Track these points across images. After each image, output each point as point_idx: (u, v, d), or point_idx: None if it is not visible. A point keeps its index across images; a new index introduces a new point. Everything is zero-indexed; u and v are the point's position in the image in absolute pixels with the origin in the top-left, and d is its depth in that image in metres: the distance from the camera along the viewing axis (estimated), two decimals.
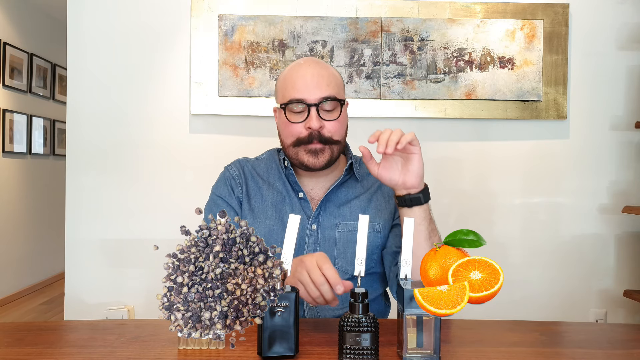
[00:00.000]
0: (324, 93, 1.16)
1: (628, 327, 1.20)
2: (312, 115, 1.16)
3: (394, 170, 1.10)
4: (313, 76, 1.17)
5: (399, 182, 1.10)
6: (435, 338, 0.82)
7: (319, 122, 1.16)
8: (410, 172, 1.08)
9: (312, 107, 1.16)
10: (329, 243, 1.22)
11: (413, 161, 1.08)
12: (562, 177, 2.29)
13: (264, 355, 0.84)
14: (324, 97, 1.16)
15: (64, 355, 0.87)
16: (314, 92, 1.16)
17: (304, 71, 1.18)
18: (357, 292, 0.83)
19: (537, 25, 2.23)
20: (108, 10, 2.23)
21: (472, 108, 2.23)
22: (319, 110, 1.17)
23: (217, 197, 1.27)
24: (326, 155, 1.19)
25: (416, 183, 1.09)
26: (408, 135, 1.05)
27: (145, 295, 2.23)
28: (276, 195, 1.25)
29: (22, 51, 4.30)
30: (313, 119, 1.15)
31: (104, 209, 2.24)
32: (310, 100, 1.16)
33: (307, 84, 1.16)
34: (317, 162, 1.18)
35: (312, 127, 1.16)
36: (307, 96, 1.16)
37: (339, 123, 1.19)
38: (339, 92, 1.20)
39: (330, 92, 1.17)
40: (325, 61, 1.84)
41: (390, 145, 1.03)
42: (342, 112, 1.19)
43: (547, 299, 2.28)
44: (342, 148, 1.25)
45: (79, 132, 2.24)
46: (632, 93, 2.30)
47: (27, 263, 4.39)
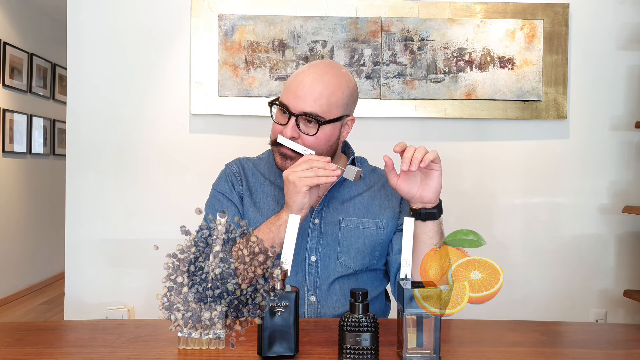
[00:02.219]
0: (306, 108, 1.15)
1: (628, 327, 1.21)
2: (289, 125, 1.17)
3: (412, 184, 1.11)
4: (306, 86, 1.16)
5: (416, 195, 1.11)
6: (435, 338, 0.82)
7: (293, 132, 1.17)
8: (429, 187, 1.10)
9: (292, 116, 1.17)
10: (332, 238, 1.22)
11: (433, 177, 1.10)
12: (562, 177, 2.29)
13: (264, 355, 0.84)
14: (305, 111, 1.16)
15: (64, 355, 0.87)
16: (298, 102, 1.16)
17: (304, 78, 1.17)
18: (357, 292, 0.83)
19: (537, 25, 2.23)
20: (108, 10, 2.23)
21: (472, 108, 2.23)
22: (299, 121, 1.17)
23: (218, 193, 1.28)
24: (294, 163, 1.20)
25: (433, 198, 1.11)
26: (431, 153, 1.07)
27: (145, 295, 2.23)
28: (278, 192, 1.26)
29: (22, 51, 4.30)
30: (288, 128, 1.17)
31: (104, 209, 2.24)
32: (292, 110, 1.16)
33: (297, 92, 1.16)
34: (284, 165, 1.20)
35: (284, 134, 1.17)
36: (291, 104, 1.17)
37: (316, 139, 1.18)
38: (329, 110, 1.17)
39: (314, 109, 1.15)
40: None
41: (415, 164, 1.05)
42: (318, 131, 1.17)
43: (547, 299, 2.28)
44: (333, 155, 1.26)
45: (79, 132, 2.24)
46: (632, 93, 2.30)
47: (27, 263, 4.39)
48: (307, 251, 1.21)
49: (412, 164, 1.04)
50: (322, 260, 1.21)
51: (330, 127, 1.19)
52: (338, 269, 1.21)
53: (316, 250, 1.21)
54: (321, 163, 1.09)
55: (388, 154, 1.13)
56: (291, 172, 1.10)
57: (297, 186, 1.09)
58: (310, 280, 1.20)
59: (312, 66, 1.20)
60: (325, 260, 1.21)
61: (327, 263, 1.21)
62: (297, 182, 1.09)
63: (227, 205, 1.25)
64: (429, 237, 1.11)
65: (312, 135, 1.17)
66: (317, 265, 1.20)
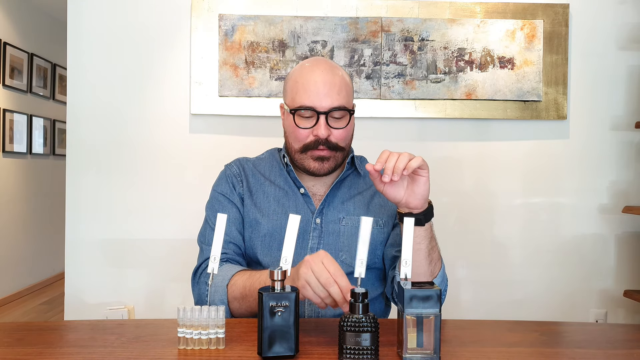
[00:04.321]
0: (334, 102, 1.16)
1: (628, 327, 1.21)
2: (321, 124, 1.16)
3: (399, 189, 1.09)
4: (325, 83, 1.17)
5: (402, 201, 1.09)
6: (435, 338, 0.82)
7: (327, 130, 1.17)
8: (415, 193, 1.07)
9: (321, 115, 1.16)
10: (333, 237, 1.23)
11: (419, 184, 1.06)
12: (562, 177, 2.29)
13: (264, 355, 0.84)
14: (334, 106, 1.16)
15: (64, 355, 0.87)
16: (324, 100, 1.16)
17: (317, 77, 1.17)
18: (357, 292, 0.83)
19: (537, 25, 2.23)
20: (108, 10, 2.23)
21: (472, 108, 2.23)
22: (328, 118, 1.17)
23: (218, 194, 1.28)
24: (331, 163, 1.21)
25: (419, 205, 1.08)
26: (415, 161, 1.03)
27: (145, 295, 2.23)
28: (279, 191, 1.26)
29: (22, 51, 4.30)
30: (321, 128, 1.16)
31: (104, 209, 2.24)
32: (320, 109, 1.16)
33: (318, 91, 1.16)
34: (322, 168, 1.20)
35: (319, 135, 1.17)
36: (318, 104, 1.16)
37: (347, 131, 1.20)
38: (349, 100, 1.20)
39: (341, 102, 1.17)
40: None
41: (397, 174, 1.02)
42: (350, 121, 1.20)
43: (547, 299, 2.28)
44: (347, 154, 1.26)
45: (79, 132, 2.24)
46: (632, 93, 2.30)
47: (27, 263, 4.39)
48: (308, 250, 1.21)
49: (394, 174, 1.02)
50: None
51: (353, 117, 1.22)
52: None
53: (317, 249, 1.21)
54: (340, 296, 0.93)
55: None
56: (310, 275, 0.94)
57: (299, 285, 0.95)
58: None
59: (314, 64, 1.21)
60: None
61: None
62: (302, 287, 0.95)
63: (228, 207, 1.25)
64: (417, 242, 1.08)
65: (343, 128, 1.19)
66: None
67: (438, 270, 1.14)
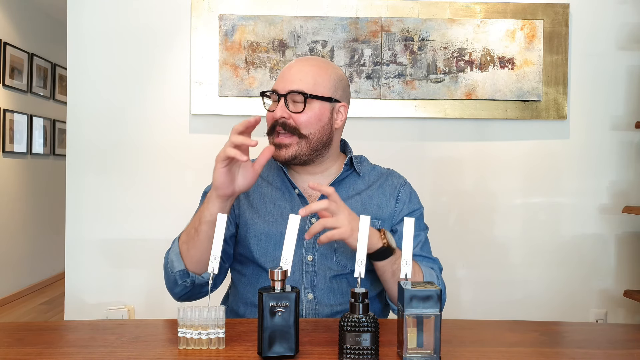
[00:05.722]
0: (293, 86, 1.19)
1: (628, 327, 1.21)
2: (278, 105, 1.20)
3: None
4: (294, 69, 1.21)
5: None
6: (435, 338, 0.82)
7: (282, 112, 1.19)
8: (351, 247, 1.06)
9: (281, 97, 1.20)
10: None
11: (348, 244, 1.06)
12: (562, 177, 2.29)
13: (264, 355, 0.84)
14: (292, 89, 1.19)
15: (64, 355, 0.87)
16: (286, 84, 1.20)
17: (291, 65, 1.24)
18: (357, 292, 0.83)
19: (537, 25, 2.23)
20: (108, 10, 2.23)
21: (472, 108, 2.23)
22: (287, 101, 1.20)
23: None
24: (290, 150, 1.20)
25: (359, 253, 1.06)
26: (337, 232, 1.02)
27: (145, 295, 2.23)
28: (275, 192, 1.27)
29: (22, 51, 4.30)
30: (277, 109, 1.20)
31: (104, 209, 2.24)
32: (280, 91, 1.20)
33: (284, 76, 1.21)
34: (279, 155, 1.21)
35: (275, 116, 1.20)
36: (280, 87, 1.21)
37: (307, 116, 1.19)
38: (314, 87, 1.20)
39: (300, 87, 1.19)
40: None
41: (309, 234, 1.04)
42: (306, 107, 1.19)
43: (547, 299, 2.28)
44: (318, 146, 1.23)
45: (79, 132, 2.24)
46: (632, 93, 2.30)
47: (27, 263, 4.39)
48: (304, 250, 1.21)
49: (309, 233, 1.04)
50: (319, 260, 1.21)
51: (318, 104, 1.20)
52: (335, 267, 1.21)
53: (313, 249, 1.21)
54: (238, 133, 1.09)
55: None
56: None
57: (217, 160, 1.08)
58: (307, 278, 1.20)
59: (302, 57, 1.28)
60: (321, 259, 1.21)
61: (324, 262, 1.21)
62: (217, 157, 1.06)
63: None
64: (380, 272, 1.12)
65: (300, 112, 1.19)
66: (313, 264, 1.20)
67: (420, 279, 1.16)
